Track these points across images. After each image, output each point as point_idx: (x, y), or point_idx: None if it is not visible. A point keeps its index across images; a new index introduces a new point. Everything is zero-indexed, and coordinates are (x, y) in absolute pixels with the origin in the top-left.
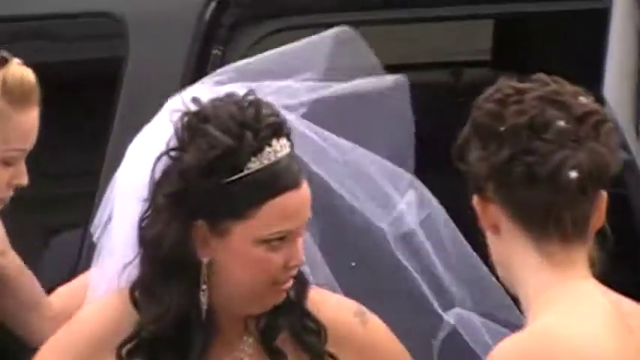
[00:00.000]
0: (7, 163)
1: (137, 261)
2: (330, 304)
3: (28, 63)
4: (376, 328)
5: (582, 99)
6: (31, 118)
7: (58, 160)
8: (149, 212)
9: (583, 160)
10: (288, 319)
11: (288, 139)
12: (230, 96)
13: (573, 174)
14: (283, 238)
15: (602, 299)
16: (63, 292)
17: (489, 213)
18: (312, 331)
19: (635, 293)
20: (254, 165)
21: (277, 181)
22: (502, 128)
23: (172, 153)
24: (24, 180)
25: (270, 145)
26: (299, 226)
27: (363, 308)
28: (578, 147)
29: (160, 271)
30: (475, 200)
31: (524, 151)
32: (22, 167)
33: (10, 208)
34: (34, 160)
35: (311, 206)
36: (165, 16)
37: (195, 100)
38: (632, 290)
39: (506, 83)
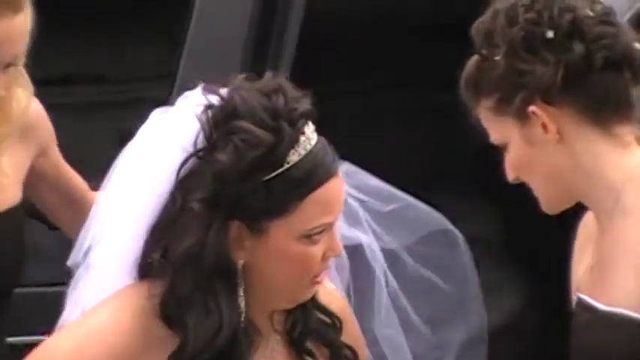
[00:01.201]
0: None
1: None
2: (324, 288)
3: None
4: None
5: None
6: (7, 26)
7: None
8: (171, 219)
9: (634, 35)
10: (311, 317)
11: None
12: (251, 83)
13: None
14: (323, 231)
15: None
16: None
17: (554, 117)
18: (328, 325)
19: None
20: (293, 157)
21: (317, 171)
22: (552, 31)
23: (201, 153)
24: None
25: (303, 134)
26: (337, 216)
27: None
28: (620, 24)
29: (202, 282)
30: (538, 108)
31: (596, 37)
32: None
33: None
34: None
35: None
36: None
37: (212, 90)
38: None
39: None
